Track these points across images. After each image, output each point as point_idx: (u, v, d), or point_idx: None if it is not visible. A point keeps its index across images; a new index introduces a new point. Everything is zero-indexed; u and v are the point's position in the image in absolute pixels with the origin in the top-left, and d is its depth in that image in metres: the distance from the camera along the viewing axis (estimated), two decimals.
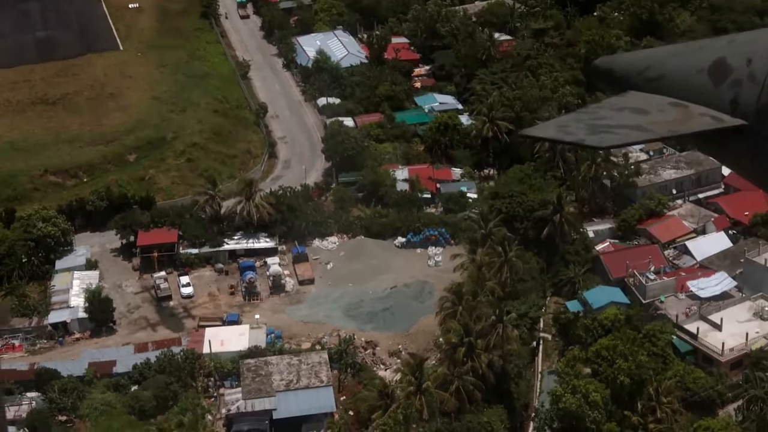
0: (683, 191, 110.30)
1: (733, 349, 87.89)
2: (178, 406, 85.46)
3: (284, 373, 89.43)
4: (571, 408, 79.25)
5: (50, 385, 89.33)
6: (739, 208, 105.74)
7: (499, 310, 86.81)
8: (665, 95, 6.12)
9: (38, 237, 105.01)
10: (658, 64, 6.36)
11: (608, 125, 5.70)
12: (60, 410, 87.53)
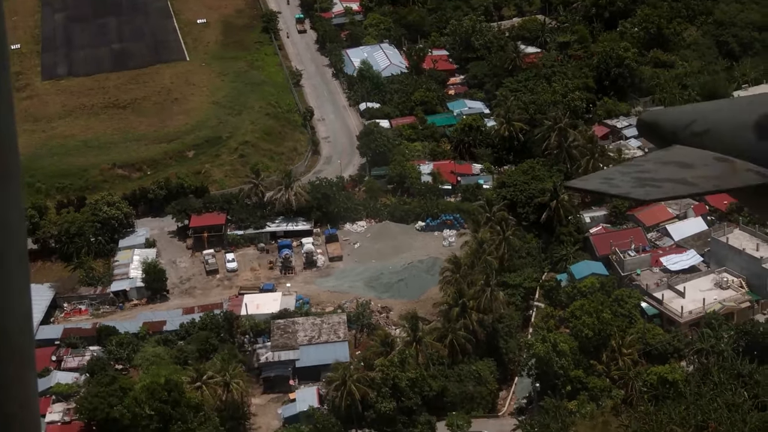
0: None
1: (692, 312, 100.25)
2: (217, 356, 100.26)
3: (308, 330, 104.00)
4: (540, 354, 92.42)
5: (109, 340, 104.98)
6: (720, 198, 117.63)
7: (487, 276, 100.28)
8: (710, 150, 5.97)
9: (104, 219, 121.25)
10: (703, 119, 6.25)
11: (653, 178, 5.64)
12: (117, 360, 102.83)
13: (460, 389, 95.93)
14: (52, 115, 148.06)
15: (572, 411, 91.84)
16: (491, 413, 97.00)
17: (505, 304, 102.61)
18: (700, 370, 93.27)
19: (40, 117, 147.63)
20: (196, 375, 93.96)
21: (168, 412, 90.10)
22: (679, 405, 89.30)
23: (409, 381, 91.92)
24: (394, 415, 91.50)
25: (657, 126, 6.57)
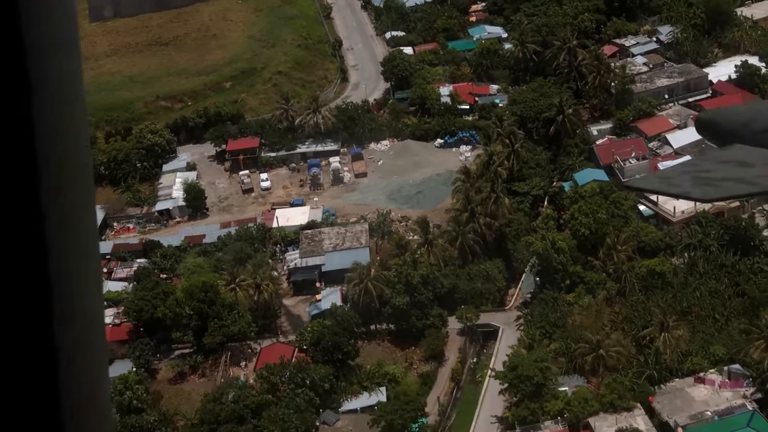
0: (674, 96, 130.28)
1: (684, 212, 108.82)
2: (250, 263, 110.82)
3: (333, 239, 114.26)
4: (539, 251, 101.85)
5: (154, 253, 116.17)
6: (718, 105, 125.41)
7: (493, 183, 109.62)
8: None
9: (148, 146, 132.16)
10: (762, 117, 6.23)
11: (712, 178, 5.58)
12: (161, 270, 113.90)
13: (470, 286, 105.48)
14: (99, 54, 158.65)
15: (570, 302, 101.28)
16: (499, 307, 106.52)
17: (512, 210, 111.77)
18: (687, 263, 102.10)
19: (89, 56, 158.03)
20: (230, 278, 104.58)
21: (205, 310, 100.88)
22: (667, 293, 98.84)
23: (421, 278, 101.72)
24: (407, 309, 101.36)
25: (715, 125, 6.45)
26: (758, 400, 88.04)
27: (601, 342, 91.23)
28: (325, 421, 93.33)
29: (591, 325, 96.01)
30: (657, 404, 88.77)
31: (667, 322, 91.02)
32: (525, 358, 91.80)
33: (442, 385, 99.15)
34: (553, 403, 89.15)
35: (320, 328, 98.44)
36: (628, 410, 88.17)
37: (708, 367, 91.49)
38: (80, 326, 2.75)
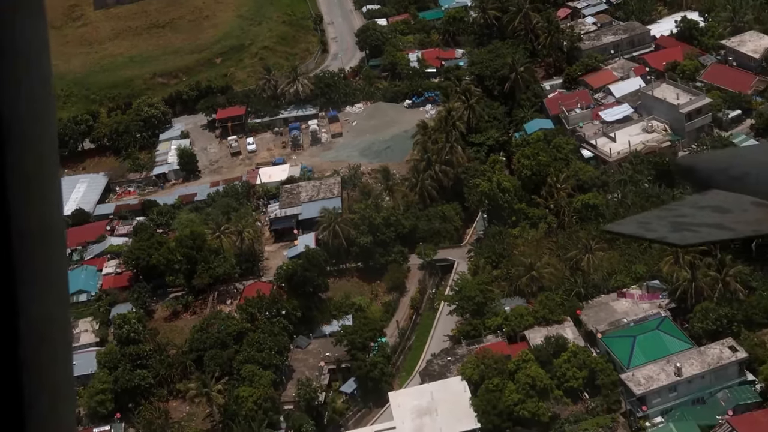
0: (619, 51, 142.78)
1: (619, 152, 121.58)
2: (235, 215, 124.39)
3: (309, 191, 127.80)
4: (485, 191, 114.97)
5: (151, 211, 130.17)
6: (659, 60, 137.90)
7: (447, 134, 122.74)
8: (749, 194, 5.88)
9: (145, 118, 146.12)
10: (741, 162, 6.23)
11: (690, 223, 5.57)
12: (157, 225, 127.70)
13: (429, 226, 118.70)
14: (103, 39, 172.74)
15: (515, 235, 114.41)
16: (456, 244, 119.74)
17: (469, 158, 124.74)
18: (619, 196, 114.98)
19: (93, 41, 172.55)
20: (216, 227, 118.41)
21: (193, 256, 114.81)
22: (599, 223, 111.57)
23: (382, 219, 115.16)
24: (371, 247, 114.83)
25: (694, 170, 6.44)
26: (672, 309, 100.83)
27: (533, 264, 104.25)
28: (298, 345, 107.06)
29: (532, 254, 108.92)
30: (584, 316, 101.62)
31: (591, 245, 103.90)
32: (469, 282, 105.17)
33: (403, 312, 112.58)
34: (493, 319, 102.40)
35: (293, 265, 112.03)
36: (558, 323, 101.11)
37: (630, 283, 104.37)
38: None
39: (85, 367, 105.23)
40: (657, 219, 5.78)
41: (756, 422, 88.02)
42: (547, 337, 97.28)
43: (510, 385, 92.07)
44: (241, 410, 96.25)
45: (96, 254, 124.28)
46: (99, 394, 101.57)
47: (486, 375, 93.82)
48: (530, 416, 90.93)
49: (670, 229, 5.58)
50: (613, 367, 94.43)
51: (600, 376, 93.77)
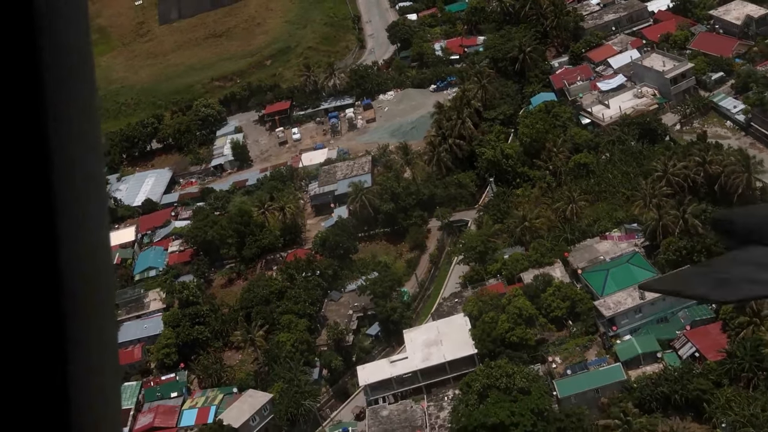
0: (620, 27, 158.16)
1: (611, 117, 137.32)
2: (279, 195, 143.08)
3: (344, 170, 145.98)
4: (490, 158, 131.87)
5: (209, 196, 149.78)
6: (655, 33, 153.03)
7: (458, 111, 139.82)
8: None
9: (203, 117, 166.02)
10: None
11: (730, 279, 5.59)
12: (215, 209, 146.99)
13: (446, 192, 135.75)
14: (167, 51, 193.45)
15: (517, 195, 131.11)
16: (470, 207, 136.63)
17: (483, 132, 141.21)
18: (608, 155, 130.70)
19: (158, 53, 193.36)
20: (260, 205, 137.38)
21: (243, 230, 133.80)
22: (590, 179, 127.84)
23: (402, 188, 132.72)
24: (394, 213, 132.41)
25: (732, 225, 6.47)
26: (646, 246, 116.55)
27: (526, 216, 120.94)
28: (331, 298, 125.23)
29: (531, 209, 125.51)
30: (570, 258, 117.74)
31: (573, 196, 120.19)
32: (473, 235, 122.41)
33: (423, 267, 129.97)
34: (493, 265, 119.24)
35: (327, 233, 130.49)
36: (549, 264, 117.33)
37: (611, 227, 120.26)
38: None
39: (154, 329, 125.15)
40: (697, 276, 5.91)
41: (707, 333, 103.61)
42: (536, 276, 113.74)
43: (502, 316, 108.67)
44: (281, 352, 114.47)
45: (163, 236, 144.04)
46: (164, 348, 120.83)
47: (483, 310, 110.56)
48: (519, 341, 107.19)
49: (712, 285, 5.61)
50: (591, 297, 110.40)
51: (579, 305, 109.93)
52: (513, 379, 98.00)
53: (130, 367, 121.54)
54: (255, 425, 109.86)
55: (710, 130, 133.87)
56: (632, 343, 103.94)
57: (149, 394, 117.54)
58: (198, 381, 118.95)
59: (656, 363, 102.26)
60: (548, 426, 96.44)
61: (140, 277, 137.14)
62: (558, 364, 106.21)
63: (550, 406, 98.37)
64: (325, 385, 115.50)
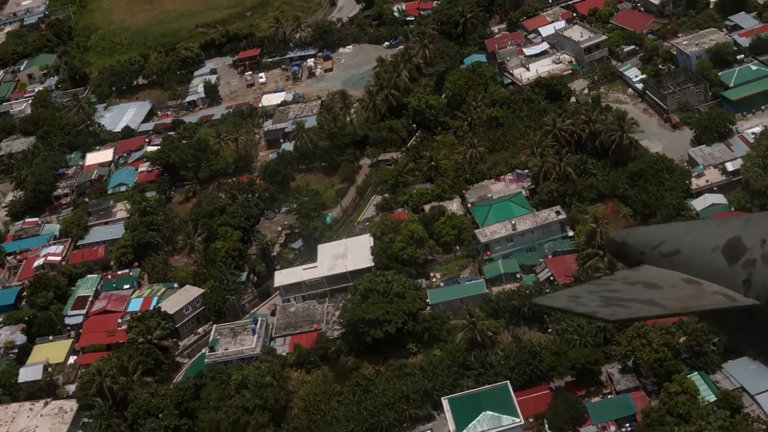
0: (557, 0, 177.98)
1: (529, 78, 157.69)
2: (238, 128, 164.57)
3: (296, 111, 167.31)
4: (414, 106, 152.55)
5: (179, 127, 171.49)
6: (587, 7, 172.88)
7: (395, 66, 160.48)
8: (679, 271, 6.12)
9: (183, 58, 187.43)
10: (672, 240, 6.43)
11: (620, 298, 5.81)
12: (182, 138, 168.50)
13: (378, 135, 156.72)
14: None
15: (437, 141, 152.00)
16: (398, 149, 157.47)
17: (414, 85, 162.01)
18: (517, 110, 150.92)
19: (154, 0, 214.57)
20: (216, 134, 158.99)
21: (199, 156, 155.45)
22: (497, 131, 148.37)
23: (337, 128, 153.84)
24: (329, 149, 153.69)
25: (626, 246, 6.69)
26: (531, 189, 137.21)
27: (434, 156, 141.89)
28: (267, 217, 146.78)
29: (445, 153, 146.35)
30: (467, 195, 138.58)
31: (474, 142, 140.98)
32: (388, 169, 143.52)
33: (350, 197, 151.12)
34: (402, 197, 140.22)
35: (269, 162, 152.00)
36: (449, 199, 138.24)
37: (506, 172, 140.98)
38: None
39: (117, 234, 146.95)
40: (587, 293, 6.06)
41: (563, 262, 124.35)
42: (432, 206, 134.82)
43: (398, 237, 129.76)
44: (216, 257, 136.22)
45: (135, 159, 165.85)
46: (122, 249, 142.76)
47: (384, 231, 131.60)
48: (409, 258, 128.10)
49: (601, 303, 5.80)
50: (475, 227, 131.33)
51: (464, 233, 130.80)
52: (391, 285, 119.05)
53: (93, 263, 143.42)
54: (188, 313, 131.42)
55: (612, 96, 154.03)
56: (497, 265, 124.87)
57: (107, 285, 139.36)
58: (147, 277, 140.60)
59: (515, 283, 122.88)
60: (417, 324, 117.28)
61: (112, 191, 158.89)
62: (437, 278, 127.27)
63: (422, 309, 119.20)
64: (251, 287, 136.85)
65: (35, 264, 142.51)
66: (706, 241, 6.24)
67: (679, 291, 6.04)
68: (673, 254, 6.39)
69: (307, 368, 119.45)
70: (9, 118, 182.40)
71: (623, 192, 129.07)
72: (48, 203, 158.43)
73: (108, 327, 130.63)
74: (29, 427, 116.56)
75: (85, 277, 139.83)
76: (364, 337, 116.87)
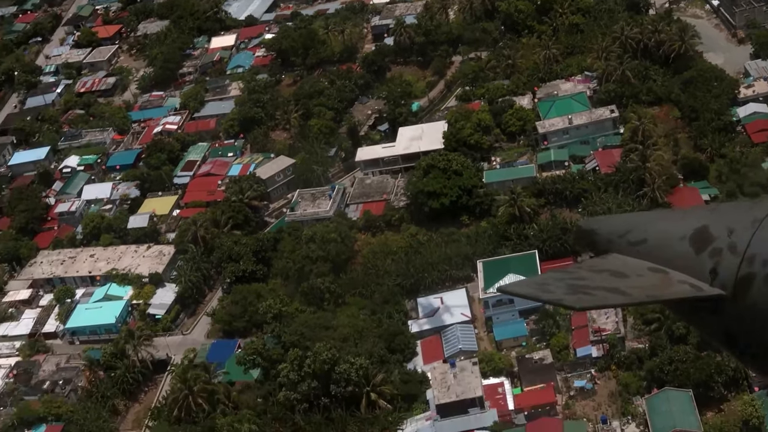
0: None
1: None
2: (346, 22, 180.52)
3: (402, 9, 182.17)
4: (504, 10, 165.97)
5: (297, 18, 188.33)
6: None
7: None
8: (646, 259, 6.14)
9: None
10: (640, 228, 6.43)
11: (587, 286, 5.78)
12: (297, 28, 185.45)
13: (472, 35, 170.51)
14: None
15: (523, 42, 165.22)
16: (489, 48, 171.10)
17: None
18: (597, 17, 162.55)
19: None
20: (325, 25, 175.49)
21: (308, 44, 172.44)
22: (577, 36, 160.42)
23: (433, 26, 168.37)
24: (425, 45, 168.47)
25: (594, 234, 6.68)
26: (596, 90, 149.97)
27: (511, 55, 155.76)
28: (361, 102, 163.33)
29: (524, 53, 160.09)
30: (538, 92, 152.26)
31: (548, 44, 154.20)
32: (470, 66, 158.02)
33: (438, 89, 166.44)
34: (480, 89, 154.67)
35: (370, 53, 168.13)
36: (522, 95, 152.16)
37: (577, 73, 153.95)
38: None
39: (228, 108, 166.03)
40: (555, 281, 5.93)
41: (610, 155, 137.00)
42: (503, 99, 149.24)
43: (468, 124, 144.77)
44: (310, 133, 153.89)
45: (254, 44, 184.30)
46: (230, 121, 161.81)
47: (457, 119, 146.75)
48: (475, 143, 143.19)
49: (567, 291, 5.73)
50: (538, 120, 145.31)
51: (528, 124, 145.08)
52: (451, 163, 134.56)
53: (205, 133, 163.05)
54: (279, 180, 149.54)
55: (690, 11, 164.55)
56: (549, 153, 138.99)
57: (213, 152, 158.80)
58: (250, 147, 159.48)
59: (563, 170, 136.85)
60: (470, 199, 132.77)
61: (230, 72, 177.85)
62: (497, 162, 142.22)
63: (477, 187, 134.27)
64: (338, 161, 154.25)
65: (155, 131, 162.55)
66: (674, 230, 6.22)
67: (645, 280, 6.01)
68: (641, 243, 6.35)
69: (372, 232, 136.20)
70: (149, 2, 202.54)
71: (676, 96, 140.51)
72: (174, 80, 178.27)
73: (209, 187, 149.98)
74: (132, 265, 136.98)
75: (196, 144, 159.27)
76: (423, 207, 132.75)
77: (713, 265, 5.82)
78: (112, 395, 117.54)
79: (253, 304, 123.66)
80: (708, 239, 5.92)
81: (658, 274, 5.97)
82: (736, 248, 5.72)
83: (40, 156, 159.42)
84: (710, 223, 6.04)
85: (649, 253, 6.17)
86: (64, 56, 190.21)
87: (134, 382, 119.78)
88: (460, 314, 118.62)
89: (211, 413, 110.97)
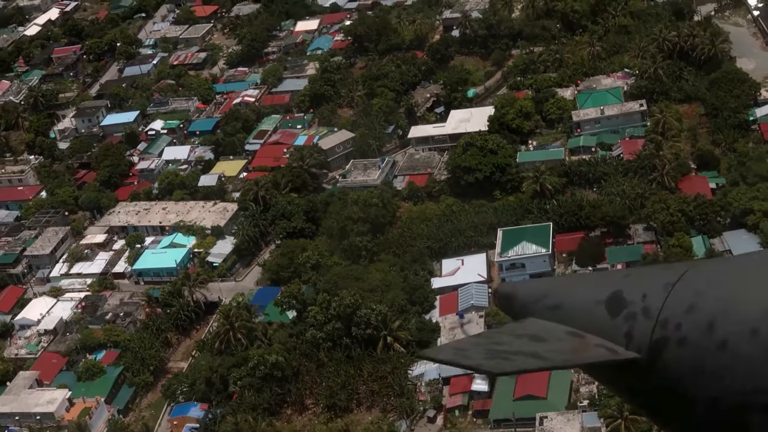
0: None
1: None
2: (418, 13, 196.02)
3: (472, 4, 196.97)
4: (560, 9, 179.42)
5: (377, 8, 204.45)
6: None
7: None
8: (564, 324, 6.19)
9: None
10: (556, 293, 6.52)
11: (506, 351, 5.77)
12: (376, 17, 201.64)
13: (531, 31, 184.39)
14: None
15: (576, 40, 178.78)
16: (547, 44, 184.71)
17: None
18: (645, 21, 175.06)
19: None
20: (398, 15, 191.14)
21: (381, 31, 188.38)
22: (624, 37, 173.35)
23: (496, 21, 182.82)
24: (487, 38, 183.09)
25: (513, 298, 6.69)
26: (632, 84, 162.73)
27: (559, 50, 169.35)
28: (422, 86, 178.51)
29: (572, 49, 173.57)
30: (581, 85, 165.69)
31: (592, 42, 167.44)
32: (522, 58, 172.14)
33: (495, 79, 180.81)
34: (529, 80, 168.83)
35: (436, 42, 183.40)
36: (566, 86, 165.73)
37: (618, 70, 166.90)
38: None
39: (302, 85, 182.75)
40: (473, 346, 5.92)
41: (634, 144, 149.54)
42: (545, 89, 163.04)
43: (510, 109, 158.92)
44: (371, 110, 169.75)
45: (335, 30, 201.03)
46: (302, 97, 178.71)
47: (503, 104, 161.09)
48: (516, 127, 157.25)
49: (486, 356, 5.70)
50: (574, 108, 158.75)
51: (566, 113, 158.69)
52: (487, 142, 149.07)
53: (279, 106, 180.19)
54: (339, 151, 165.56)
55: (733, 19, 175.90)
56: (579, 139, 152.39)
57: (284, 124, 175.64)
58: (318, 121, 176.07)
59: (590, 155, 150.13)
60: (503, 176, 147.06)
61: (310, 53, 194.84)
62: (533, 145, 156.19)
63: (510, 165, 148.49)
64: (394, 138, 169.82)
65: (234, 102, 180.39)
66: (589, 295, 6.24)
67: (563, 344, 5.99)
68: (557, 307, 6.37)
69: (414, 201, 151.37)
70: None
71: (702, 95, 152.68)
72: (258, 57, 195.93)
73: (276, 154, 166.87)
74: (198, 218, 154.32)
75: (270, 116, 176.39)
76: (460, 181, 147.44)
77: (628, 329, 5.85)
78: (166, 329, 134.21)
79: (298, 256, 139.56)
80: (622, 303, 5.96)
81: (575, 339, 6.03)
82: (649, 312, 5.77)
83: (129, 119, 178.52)
84: (624, 287, 6.08)
85: (567, 317, 6.24)
86: (164, 31, 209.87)
87: (187, 319, 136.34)
88: (477, 275, 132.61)
89: (248, 347, 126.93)
